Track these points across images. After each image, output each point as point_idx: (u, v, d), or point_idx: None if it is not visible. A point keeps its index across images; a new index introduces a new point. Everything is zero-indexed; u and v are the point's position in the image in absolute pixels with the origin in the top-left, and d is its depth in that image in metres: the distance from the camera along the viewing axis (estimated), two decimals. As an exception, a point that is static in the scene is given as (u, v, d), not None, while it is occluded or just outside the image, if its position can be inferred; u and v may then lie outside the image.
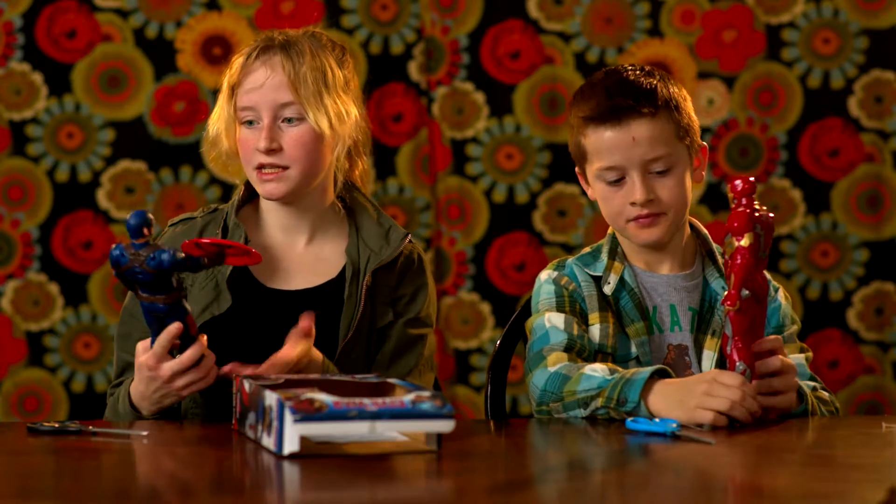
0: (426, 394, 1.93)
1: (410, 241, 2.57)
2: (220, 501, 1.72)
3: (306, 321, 2.34)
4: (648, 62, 3.95)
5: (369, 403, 1.89)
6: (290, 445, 1.87)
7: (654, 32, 3.98)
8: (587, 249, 2.52)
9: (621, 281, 2.44)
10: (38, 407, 3.90)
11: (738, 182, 2.20)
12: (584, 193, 3.99)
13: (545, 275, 2.49)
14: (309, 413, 1.87)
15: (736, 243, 2.19)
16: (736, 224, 2.19)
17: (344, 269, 2.51)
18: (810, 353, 2.45)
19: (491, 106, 3.99)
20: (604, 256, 2.47)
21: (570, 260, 2.50)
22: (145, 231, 2.16)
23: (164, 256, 2.16)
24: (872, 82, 4.00)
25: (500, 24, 3.99)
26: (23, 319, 3.90)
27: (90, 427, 2.16)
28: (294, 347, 2.31)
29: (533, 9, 3.99)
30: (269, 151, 2.44)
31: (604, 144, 2.40)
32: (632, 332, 2.41)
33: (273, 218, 2.54)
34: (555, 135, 3.98)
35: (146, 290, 2.20)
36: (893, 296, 4.00)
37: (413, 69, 3.97)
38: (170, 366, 2.25)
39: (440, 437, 1.95)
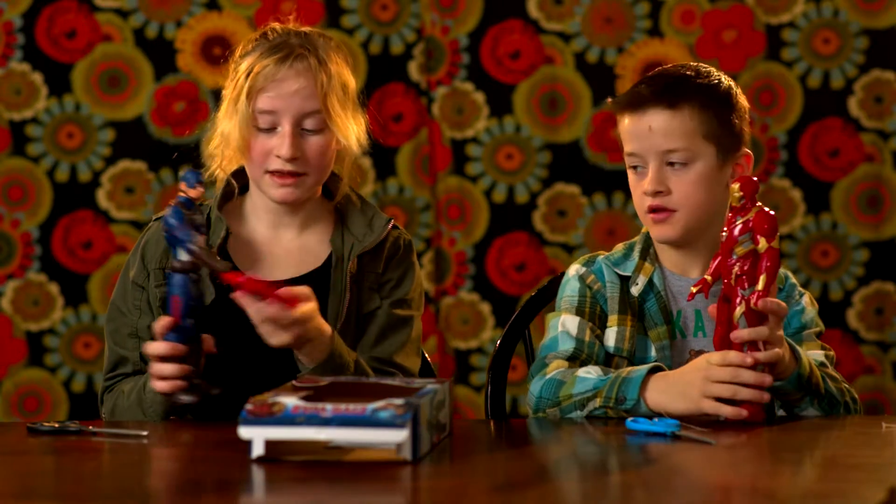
0: (398, 402, 1.87)
1: (396, 228, 2.55)
2: (220, 501, 1.72)
3: (306, 289, 2.32)
4: (648, 62, 3.96)
5: (328, 409, 1.86)
6: (257, 450, 1.86)
7: (654, 32, 3.98)
8: (620, 247, 2.50)
9: (649, 283, 2.44)
10: (38, 407, 3.90)
11: (755, 179, 2.20)
12: (584, 193, 4.00)
13: (573, 270, 2.49)
14: (260, 416, 1.86)
15: (766, 244, 2.18)
16: (766, 226, 2.18)
17: (329, 258, 2.51)
18: (832, 352, 2.44)
19: (491, 106, 3.99)
20: (635, 255, 2.46)
21: (601, 257, 2.48)
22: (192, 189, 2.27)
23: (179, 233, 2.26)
24: (872, 82, 4.00)
25: (500, 23, 3.99)
26: (23, 319, 3.90)
27: (90, 427, 2.16)
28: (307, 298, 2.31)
29: (533, 9, 3.99)
30: (292, 160, 2.43)
31: (626, 130, 2.43)
32: (654, 335, 2.40)
33: (262, 214, 2.53)
34: (555, 135, 3.98)
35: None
36: (893, 296, 4.00)
37: (413, 69, 3.97)
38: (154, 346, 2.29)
39: (415, 446, 1.87)
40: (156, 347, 2.29)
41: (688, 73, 2.44)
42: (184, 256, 2.25)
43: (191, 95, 3.90)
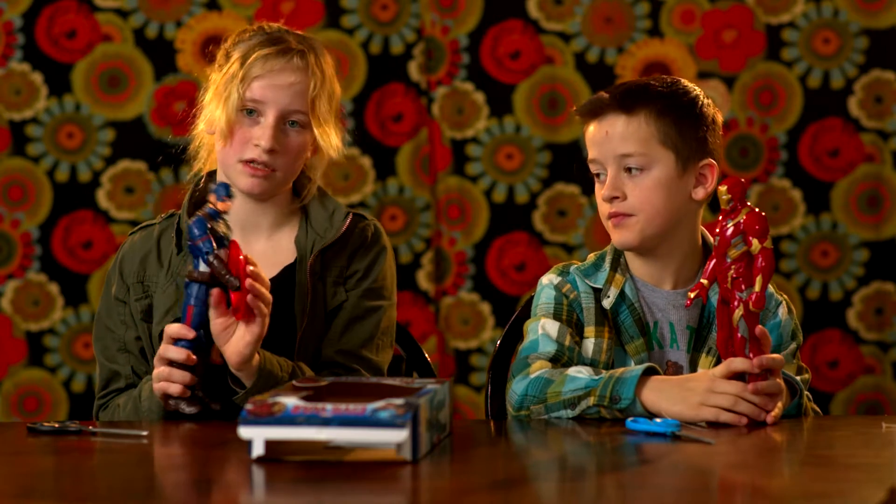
0: (398, 402, 1.87)
1: (361, 218, 2.54)
2: (220, 501, 1.72)
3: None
4: (648, 62, 3.96)
5: (328, 410, 1.86)
6: (257, 449, 1.86)
7: (654, 32, 3.98)
8: (592, 257, 2.49)
9: (621, 295, 2.42)
10: (38, 407, 3.90)
11: (742, 181, 2.20)
12: (584, 193, 4.00)
13: (547, 279, 2.48)
14: (260, 416, 1.86)
15: (759, 245, 2.19)
16: (758, 227, 2.18)
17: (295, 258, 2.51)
18: (808, 376, 2.41)
19: (491, 106, 3.99)
20: (606, 265, 2.45)
21: (573, 268, 2.47)
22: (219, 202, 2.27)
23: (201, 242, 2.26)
24: (872, 82, 4.00)
25: (500, 23, 3.99)
26: (23, 319, 3.90)
27: (90, 427, 2.16)
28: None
29: (533, 9, 3.99)
30: (269, 151, 2.44)
31: (588, 138, 2.45)
32: (631, 349, 2.40)
33: (233, 218, 2.49)
34: (555, 135, 3.98)
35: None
36: (893, 296, 4.00)
37: (413, 69, 3.97)
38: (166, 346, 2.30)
39: (415, 446, 1.88)
40: (174, 353, 2.28)
41: (651, 82, 2.45)
42: (203, 267, 2.26)
43: (191, 95, 3.88)
